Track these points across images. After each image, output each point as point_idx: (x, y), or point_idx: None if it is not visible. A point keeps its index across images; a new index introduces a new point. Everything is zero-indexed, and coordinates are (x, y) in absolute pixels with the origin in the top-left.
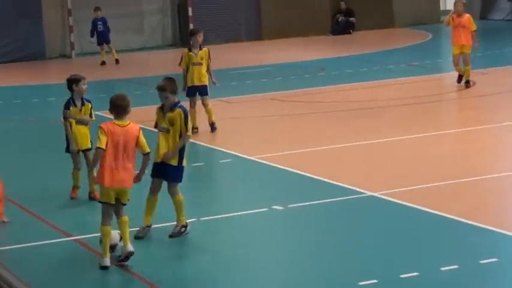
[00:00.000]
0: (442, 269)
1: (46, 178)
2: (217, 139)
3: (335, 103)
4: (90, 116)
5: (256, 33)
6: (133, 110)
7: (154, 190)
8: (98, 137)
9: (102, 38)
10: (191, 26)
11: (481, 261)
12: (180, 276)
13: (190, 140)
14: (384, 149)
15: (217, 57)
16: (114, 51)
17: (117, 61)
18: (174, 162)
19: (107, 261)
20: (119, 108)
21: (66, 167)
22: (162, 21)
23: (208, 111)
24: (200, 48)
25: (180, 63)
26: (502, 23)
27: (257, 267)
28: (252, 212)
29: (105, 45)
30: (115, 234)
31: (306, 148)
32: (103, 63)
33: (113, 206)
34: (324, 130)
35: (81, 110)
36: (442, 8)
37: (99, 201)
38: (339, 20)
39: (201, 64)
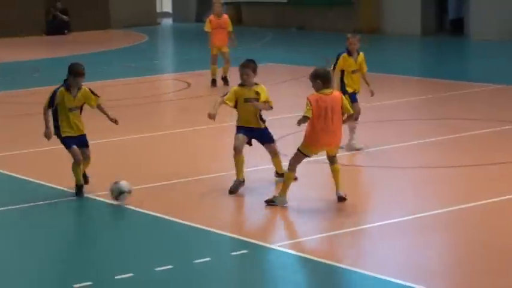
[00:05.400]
0: (157, 269)
1: None
2: None
3: None
4: None
5: None
6: None
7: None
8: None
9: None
10: None
11: (195, 261)
12: None
13: None
14: (107, 148)
15: None
16: None
17: None
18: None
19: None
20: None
21: None
22: None
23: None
24: None
25: None
26: None
27: None
28: None
29: None
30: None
31: (17, 150)
32: None
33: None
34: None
35: None
36: (158, 10)
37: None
38: (54, 14)
39: None
